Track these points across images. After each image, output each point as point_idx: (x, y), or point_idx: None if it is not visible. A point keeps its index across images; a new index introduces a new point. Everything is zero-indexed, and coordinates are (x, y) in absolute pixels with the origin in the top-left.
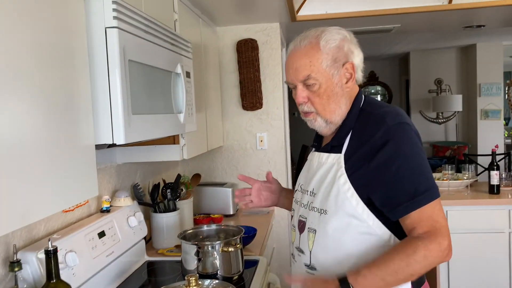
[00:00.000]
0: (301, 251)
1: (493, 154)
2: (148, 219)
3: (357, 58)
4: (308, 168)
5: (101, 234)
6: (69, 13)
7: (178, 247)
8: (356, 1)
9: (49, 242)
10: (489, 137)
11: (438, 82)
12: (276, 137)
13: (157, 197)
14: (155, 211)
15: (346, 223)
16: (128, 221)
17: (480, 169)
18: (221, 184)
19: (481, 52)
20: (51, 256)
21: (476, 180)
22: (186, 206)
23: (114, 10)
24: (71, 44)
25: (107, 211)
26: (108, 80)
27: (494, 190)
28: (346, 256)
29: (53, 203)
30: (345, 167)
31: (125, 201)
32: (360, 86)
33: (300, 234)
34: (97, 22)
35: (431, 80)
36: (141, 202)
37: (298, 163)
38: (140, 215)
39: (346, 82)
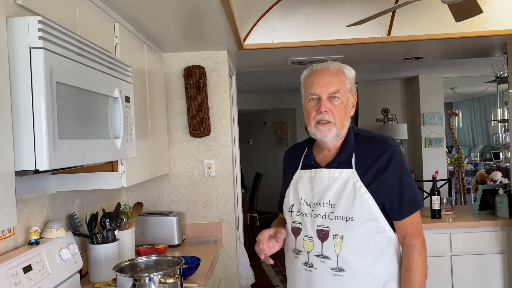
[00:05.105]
0: (326, 257)
1: (434, 179)
2: (85, 251)
3: None
4: (312, 183)
5: (27, 269)
6: None
7: None
8: (301, 32)
9: None
10: (433, 164)
11: (384, 112)
12: (225, 164)
13: (95, 228)
14: (93, 243)
15: (369, 226)
16: (60, 254)
17: (425, 195)
18: (167, 213)
19: (423, 83)
20: None
21: None
22: (127, 236)
23: (39, 30)
24: None
25: (36, 243)
26: (32, 102)
27: (435, 215)
28: (369, 254)
29: None
30: (361, 180)
31: (58, 232)
32: None
33: (323, 242)
34: (21, 42)
35: (378, 110)
36: (77, 233)
37: (252, 190)
38: (74, 247)
39: (351, 108)
